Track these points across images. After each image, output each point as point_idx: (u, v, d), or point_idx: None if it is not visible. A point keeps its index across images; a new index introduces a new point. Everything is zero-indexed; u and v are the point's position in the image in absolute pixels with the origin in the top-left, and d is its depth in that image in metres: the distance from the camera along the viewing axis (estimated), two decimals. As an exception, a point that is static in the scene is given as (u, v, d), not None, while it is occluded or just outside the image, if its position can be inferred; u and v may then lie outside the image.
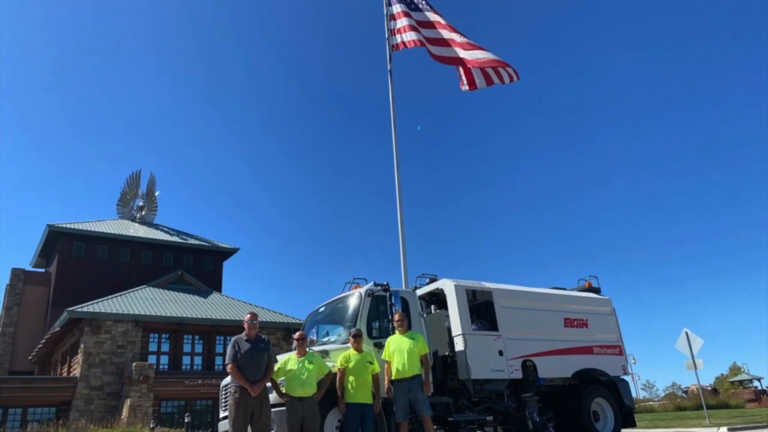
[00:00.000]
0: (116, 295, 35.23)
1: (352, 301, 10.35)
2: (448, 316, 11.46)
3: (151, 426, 27.06)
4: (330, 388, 8.69)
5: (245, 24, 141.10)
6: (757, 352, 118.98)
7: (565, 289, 14.56)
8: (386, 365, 9.20)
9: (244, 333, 8.28)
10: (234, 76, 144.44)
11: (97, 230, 41.02)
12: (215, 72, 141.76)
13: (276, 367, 8.40)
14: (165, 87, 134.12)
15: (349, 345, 9.11)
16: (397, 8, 16.97)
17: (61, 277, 39.70)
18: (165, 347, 34.48)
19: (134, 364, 30.18)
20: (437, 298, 12.33)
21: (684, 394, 58.80)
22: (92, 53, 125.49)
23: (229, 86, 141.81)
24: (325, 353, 9.38)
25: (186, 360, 34.83)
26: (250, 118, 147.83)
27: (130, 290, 36.64)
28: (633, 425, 13.46)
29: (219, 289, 43.04)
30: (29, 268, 45.23)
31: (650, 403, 51.98)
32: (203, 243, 45.06)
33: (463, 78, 16.60)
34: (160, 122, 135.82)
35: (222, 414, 9.50)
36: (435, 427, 9.61)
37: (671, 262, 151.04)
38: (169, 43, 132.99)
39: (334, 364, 8.96)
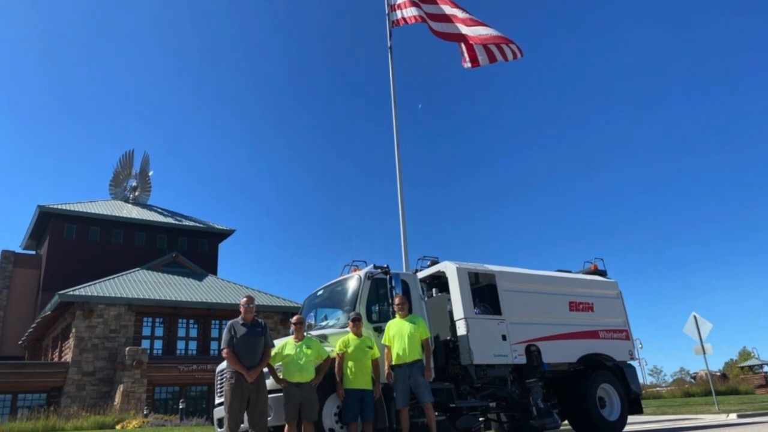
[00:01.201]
0: (109, 278, 35.32)
1: (351, 285, 10.35)
2: (449, 300, 11.46)
3: (145, 412, 27.23)
4: (328, 374, 8.73)
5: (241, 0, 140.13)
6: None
7: (570, 271, 14.56)
8: (386, 350, 9.23)
9: (240, 317, 8.32)
10: (230, 53, 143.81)
11: (89, 211, 41.04)
12: (210, 49, 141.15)
13: (273, 352, 8.42)
14: (159, 64, 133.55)
15: (348, 329, 9.14)
16: (397, -18, 16.82)
17: (52, 260, 39.79)
18: (159, 331, 34.61)
19: (127, 348, 30.31)
20: (439, 281, 12.32)
21: (692, 380, 59.03)
22: (84, 30, 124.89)
23: (225, 64, 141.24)
24: (323, 338, 9.40)
25: (180, 345, 34.98)
26: (247, 97, 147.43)
27: (123, 273, 36.72)
28: (640, 412, 13.51)
29: (214, 272, 43.14)
30: (19, 250, 45.34)
31: (658, 388, 52.16)
32: (198, 224, 45.10)
33: (465, 55, 16.51)
34: (153, 101, 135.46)
35: (218, 400, 9.54)
36: (436, 413, 9.65)
37: (679, 244, 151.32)
38: (163, 19, 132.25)
39: (333, 348, 8.99)
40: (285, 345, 8.58)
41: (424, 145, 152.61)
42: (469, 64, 16.50)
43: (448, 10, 16.56)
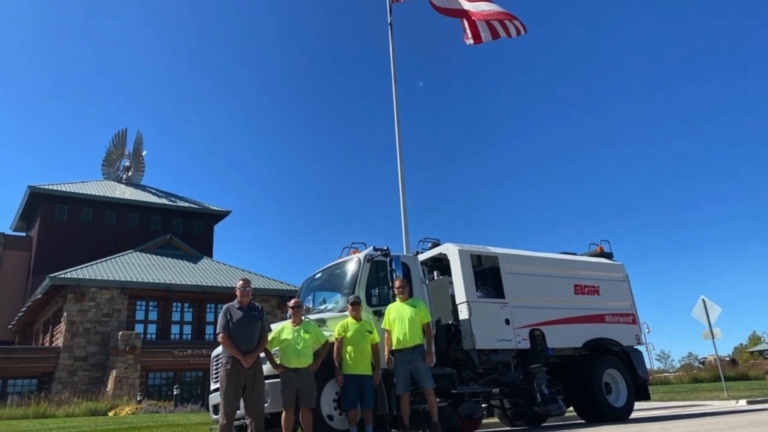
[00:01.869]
0: (101, 260, 35.36)
1: (351, 267, 10.34)
2: (451, 283, 11.46)
3: (138, 399, 27.36)
4: (327, 359, 8.73)
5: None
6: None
7: (575, 254, 14.55)
8: (386, 334, 9.23)
9: (236, 300, 8.30)
10: (226, 29, 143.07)
11: (81, 192, 41.00)
12: (206, 25, 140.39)
13: (270, 336, 8.43)
14: (153, 41, 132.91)
15: (347, 313, 9.14)
16: (397, -44, 16.68)
17: (43, 242, 39.80)
18: (153, 315, 34.73)
19: (120, 333, 30.42)
20: (440, 264, 12.32)
21: (701, 365, 59.34)
22: (76, 5, 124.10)
23: (221, 40, 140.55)
24: (321, 322, 9.39)
25: (175, 329, 35.11)
26: (243, 74, 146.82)
27: (115, 255, 36.75)
28: (647, 398, 13.55)
29: (210, 254, 43.17)
30: (9, 231, 45.41)
31: (665, 374, 52.49)
32: (193, 205, 45.08)
33: (468, 31, 16.40)
34: (147, 78, 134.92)
35: (213, 386, 9.57)
36: (438, 399, 9.67)
37: (687, 226, 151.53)
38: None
39: (332, 333, 8.99)
40: (282, 329, 8.58)
41: (425, 124, 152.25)
42: (471, 41, 16.39)
43: (450, -16, 16.44)
